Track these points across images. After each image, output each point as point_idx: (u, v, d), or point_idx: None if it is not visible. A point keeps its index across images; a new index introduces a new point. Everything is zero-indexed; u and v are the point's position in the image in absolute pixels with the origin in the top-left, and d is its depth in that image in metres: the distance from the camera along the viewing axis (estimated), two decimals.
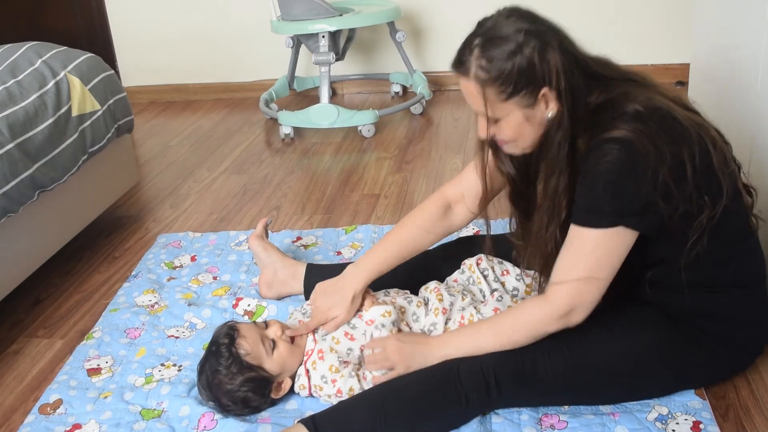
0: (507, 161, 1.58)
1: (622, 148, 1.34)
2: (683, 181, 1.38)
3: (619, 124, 1.36)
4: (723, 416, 1.54)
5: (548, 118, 1.41)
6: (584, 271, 1.42)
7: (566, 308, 1.43)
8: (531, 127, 1.43)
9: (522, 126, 1.42)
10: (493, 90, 1.39)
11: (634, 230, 1.40)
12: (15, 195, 1.99)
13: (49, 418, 1.68)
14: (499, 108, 1.41)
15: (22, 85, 2.15)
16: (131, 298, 2.11)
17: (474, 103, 1.44)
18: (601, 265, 1.42)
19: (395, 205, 2.63)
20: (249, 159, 3.20)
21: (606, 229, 1.39)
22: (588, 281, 1.42)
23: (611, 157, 1.35)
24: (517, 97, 1.39)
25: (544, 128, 1.43)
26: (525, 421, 1.53)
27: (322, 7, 3.30)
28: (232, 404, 1.60)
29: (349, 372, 1.58)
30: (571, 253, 1.43)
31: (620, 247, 1.41)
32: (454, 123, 3.45)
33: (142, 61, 4.12)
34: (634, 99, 1.39)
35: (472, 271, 1.79)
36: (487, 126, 1.46)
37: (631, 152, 1.34)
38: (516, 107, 1.40)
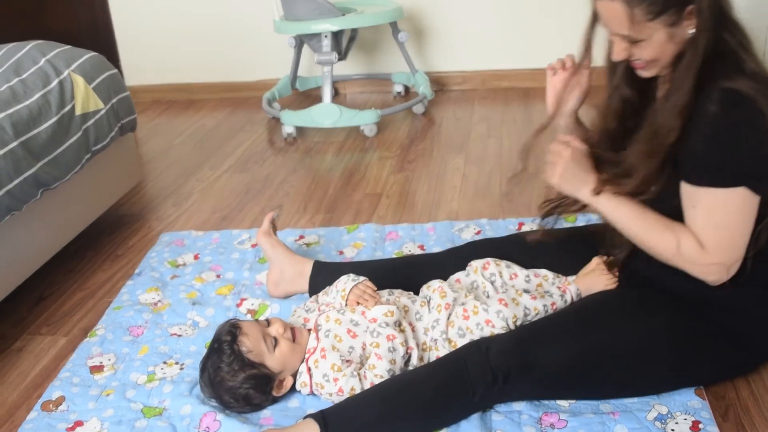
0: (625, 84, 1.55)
1: (740, 102, 1.34)
2: None
3: (738, 78, 1.35)
4: (722, 416, 1.54)
5: (689, 35, 1.39)
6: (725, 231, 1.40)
7: (721, 260, 1.42)
8: (672, 46, 1.41)
9: (664, 45, 1.40)
10: (641, 9, 1.36)
11: (755, 194, 1.39)
12: (18, 193, 2.00)
13: (52, 415, 1.68)
14: (644, 28, 1.38)
15: (25, 84, 2.16)
16: (135, 296, 2.11)
17: (616, 24, 1.41)
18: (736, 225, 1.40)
19: (397, 205, 2.64)
20: (251, 158, 3.21)
21: (731, 188, 1.38)
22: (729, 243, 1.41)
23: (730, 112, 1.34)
24: (664, 16, 1.37)
25: (682, 47, 1.41)
26: (525, 420, 1.53)
27: (324, 6, 3.30)
28: (233, 401, 1.61)
29: (351, 372, 1.58)
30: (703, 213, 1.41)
31: (747, 209, 1.40)
32: (456, 123, 3.45)
33: (146, 60, 4.12)
34: (752, 60, 1.39)
35: (478, 274, 1.79)
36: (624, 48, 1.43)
37: (748, 107, 1.33)
38: (661, 26, 1.38)
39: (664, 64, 1.45)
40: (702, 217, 1.42)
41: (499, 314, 1.64)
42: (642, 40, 1.41)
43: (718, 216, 1.40)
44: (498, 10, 3.75)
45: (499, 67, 3.84)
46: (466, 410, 1.53)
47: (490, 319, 1.63)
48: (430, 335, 1.67)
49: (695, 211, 1.42)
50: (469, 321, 1.65)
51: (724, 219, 1.40)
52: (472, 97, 3.78)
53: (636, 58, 1.45)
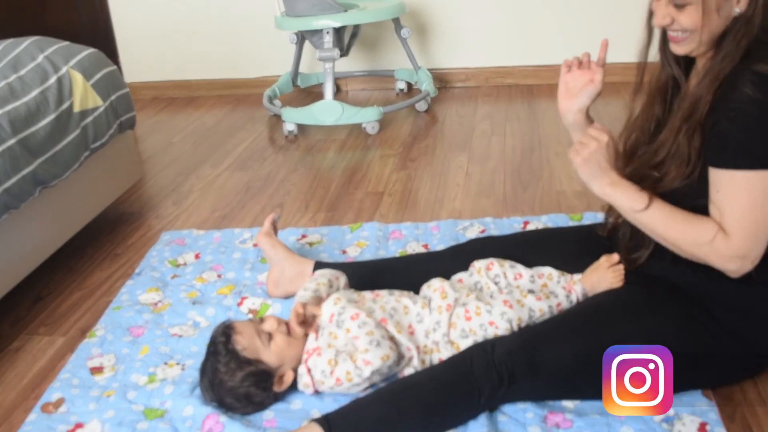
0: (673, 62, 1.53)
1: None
2: None
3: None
4: (729, 417, 1.52)
5: (735, 13, 1.38)
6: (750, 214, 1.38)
7: (744, 251, 1.40)
8: (717, 20, 1.39)
9: (710, 15, 1.38)
10: None
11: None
12: (16, 191, 1.98)
13: (52, 417, 1.67)
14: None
15: (23, 81, 2.14)
16: (134, 296, 2.10)
17: None
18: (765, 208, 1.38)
19: (399, 203, 2.62)
20: (252, 156, 3.19)
21: (761, 171, 1.36)
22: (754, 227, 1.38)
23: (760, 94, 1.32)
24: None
25: (724, 25, 1.40)
26: (530, 419, 1.52)
27: (326, 3, 3.28)
28: (236, 402, 1.60)
29: (343, 358, 1.58)
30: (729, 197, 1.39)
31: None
32: (459, 120, 3.43)
33: (145, 57, 4.11)
34: None
35: (481, 275, 1.77)
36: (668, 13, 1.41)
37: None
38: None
39: (703, 39, 1.42)
40: (727, 202, 1.39)
41: (503, 316, 1.62)
42: (689, 5, 1.39)
43: (744, 201, 1.38)
44: (501, 7, 3.74)
45: (502, 64, 3.83)
46: (472, 412, 1.52)
47: (494, 320, 1.62)
48: (431, 337, 1.65)
49: (720, 195, 1.40)
50: (471, 322, 1.63)
51: (749, 204, 1.38)
52: (475, 95, 3.76)
53: (676, 27, 1.43)
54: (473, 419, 1.52)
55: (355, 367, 1.56)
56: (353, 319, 1.62)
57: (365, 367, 1.56)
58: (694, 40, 1.43)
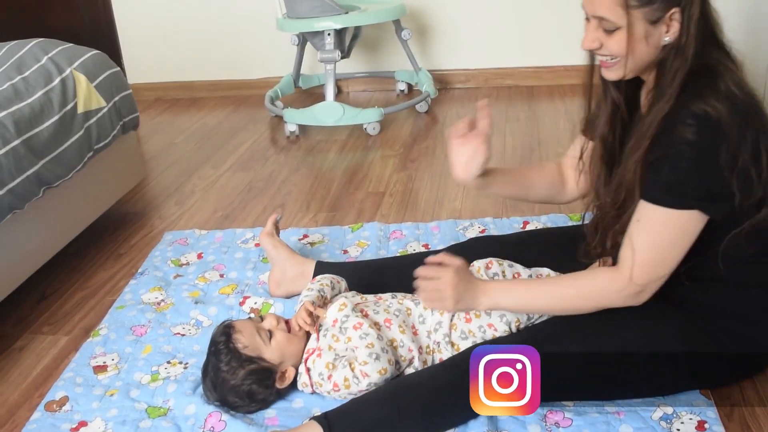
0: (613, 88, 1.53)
1: (707, 126, 1.32)
2: (760, 168, 1.36)
3: (709, 99, 1.33)
4: (728, 416, 1.53)
5: (664, 42, 1.38)
6: (658, 250, 1.41)
7: (640, 287, 1.43)
8: (645, 47, 1.39)
9: (638, 42, 1.38)
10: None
11: (706, 215, 1.39)
12: (20, 191, 1.99)
13: (55, 416, 1.68)
14: (625, 15, 1.36)
15: (28, 82, 2.15)
16: (138, 296, 2.11)
17: (600, 4, 1.39)
18: (673, 245, 1.40)
19: (400, 203, 2.63)
20: (254, 156, 3.20)
21: (681, 210, 1.38)
22: (662, 261, 1.41)
23: (694, 136, 1.33)
24: (648, 8, 1.35)
25: (653, 54, 1.40)
26: (530, 418, 1.52)
27: (327, 4, 3.29)
28: (239, 401, 1.61)
29: (342, 364, 1.59)
30: (644, 229, 1.41)
31: (692, 231, 1.40)
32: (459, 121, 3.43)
33: (148, 58, 4.12)
34: (729, 76, 1.37)
35: (480, 274, 1.78)
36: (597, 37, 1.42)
37: (714, 132, 1.32)
38: (641, 19, 1.36)
39: (632, 66, 1.43)
40: (643, 234, 1.42)
41: (502, 318, 1.63)
42: (617, 29, 1.38)
43: (658, 236, 1.41)
44: (501, 8, 3.74)
45: (502, 65, 3.83)
46: (471, 411, 1.52)
47: (493, 322, 1.62)
48: (433, 338, 1.66)
49: (638, 225, 1.42)
50: (471, 324, 1.63)
51: (662, 240, 1.41)
52: (475, 95, 3.77)
53: (605, 51, 1.43)
54: (473, 418, 1.52)
55: (353, 375, 1.57)
56: (356, 328, 1.62)
57: (363, 379, 1.56)
58: (622, 67, 1.43)
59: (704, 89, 1.36)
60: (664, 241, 1.41)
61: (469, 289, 1.52)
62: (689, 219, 1.39)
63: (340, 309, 1.67)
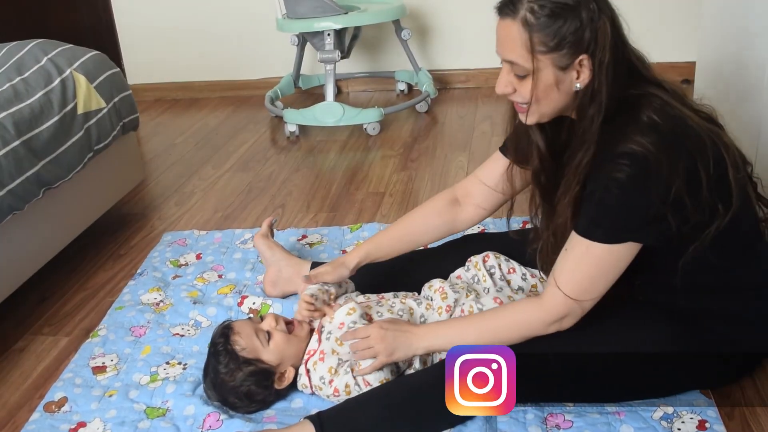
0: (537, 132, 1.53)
1: (634, 164, 1.32)
2: (698, 191, 1.36)
3: (634, 135, 1.33)
4: (728, 415, 1.53)
5: (576, 88, 1.39)
6: (583, 280, 1.42)
7: (560, 315, 1.44)
8: (556, 93, 1.40)
9: (549, 88, 1.39)
10: (537, 38, 1.35)
11: (639, 243, 1.40)
12: (20, 192, 1.99)
13: (54, 416, 1.68)
14: (534, 60, 1.36)
15: (27, 83, 2.15)
16: (136, 296, 2.11)
17: (509, 49, 1.40)
18: (601, 276, 1.42)
19: (400, 203, 2.63)
20: (254, 157, 3.20)
21: (612, 244, 1.39)
22: (586, 291, 1.42)
23: (622, 174, 1.33)
24: (556, 54, 1.35)
25: (566, 100, 1.41)
26: (530, 420, 1.53)
27: (327, 5, 3.30)
28: (238, 401, 1.61)
29: (345, 370, 1.58)
30: (572, 260, 1.42)
31: (623, 260, 1.41)
32: (459, 121, 3.44)
33: (148, 59, 4.12)
34: (652, 104, 1.37)
35: (478, 269, 1.79)
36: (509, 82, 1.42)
37: (643, 169, 1.32)
38: (550, 65, 1.36)
39: (546, 110, 1.43)
40: (570, 263, 1.42)
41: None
42: (528, 75, 1.39)
43: (585, 267, 1.41)
44: None
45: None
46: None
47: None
48: None
49: (566, 254, 1.43)
50: None
51: (592, 270, 1.41)
52: (475, 95, 3.77)
53: (518, 97, 1.43)
54: (470, 420, 1.52)
55: (355, 383, 1.57)
56: None
57: (364, 387, 1.56)
58: (536, 112, 1.43)
59: (627, 127, 1.35)
60: (591, 271, 1.41)
61: (399, 338, 1.54)
62: (620, 250, 1.39)
63: (349, 313, 1.65)
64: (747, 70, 2.17)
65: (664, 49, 3.65)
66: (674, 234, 1.38)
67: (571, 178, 1.43)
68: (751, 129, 2.07)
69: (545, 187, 1.57)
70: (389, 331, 1.54)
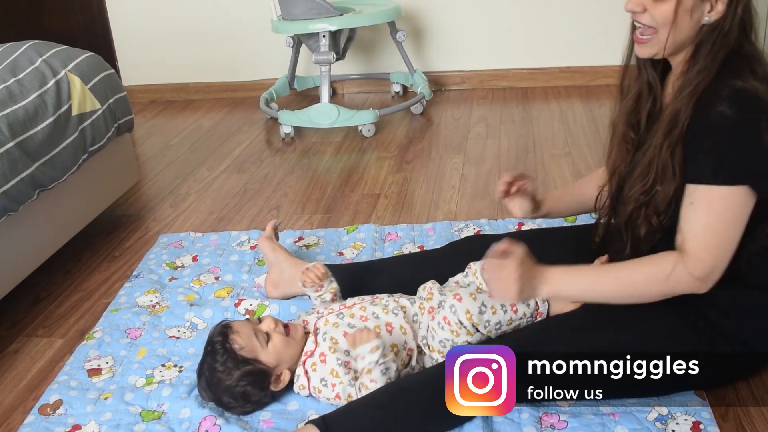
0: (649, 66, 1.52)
1: (749, 101, 1.33)
2: None
3: (749, 80, 1.34)
4: (723, 416, 1.54)
5: (704, 21, 1.39)
6: (719, 231, 1.39)
7: (708, 269, 1.40)
8: (687, 22, 1.39)
9: (682, 14, 1.38)
10: None
11: (756, 192, 1.38)
12: (15, 194, 1.99)
13: (49, 419, 1.67)
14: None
15: (22, 84, 2.15)
16: (132, 299, 2.10)
17: None
18: (733, 225, 1.39)
19: (395, 205, 2.63)
20: (249, 158, 3.20)
21: (732, 186, 1.37)
22: (723, 244, 1.39)
23: (737, 112, 1.33)
24: None
25: (692, 33, 1.41)
26: (525, 419, 1.53)
27: (322, 6, 3.30)
28: (233, 401, 1.61)
29: (349, 380, 1.58)
30: (701, 212, 1.39)
31: (746, 209, 1.38)
32: (454, 123, 3.45)
33: (143, 60, 4.11)
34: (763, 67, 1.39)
35: (476, 276, 1.78)
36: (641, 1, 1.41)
37: (757, 107, 1.33)
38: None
39: (674, 39, 1.42)
40: (699, 217, 1.40)
41: (452, 309, 1.60)
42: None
43: (715, 217, 1.39)
44: (496, 11, 3.75)
45: (497, 67, 3.84)
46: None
47: (446, 315, 1.60)
48: (421, 335, 1.67)
49: (692, 208, 1.41)
50: (434, 321, 1.64)
51: (720, 219, 1.39)
52: (470, 97, 3.78)
53: (647, 19, 1.42)
54: (468, 421, 1.52)
55: (357, 391, 1.57)
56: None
57: (364, 391, 1.55)
58: (657, 42, 1.43)
59: (742, 70, 1.36)
60: (722, 221, 1.38)
61: (533, 278, 1.48)
62: (742, 195, 1.37)
63: (372, 352, 1.56)
64: None
65: None
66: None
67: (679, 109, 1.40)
68: None
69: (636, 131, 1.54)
70: (525, 270, 1.47)
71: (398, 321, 1.68)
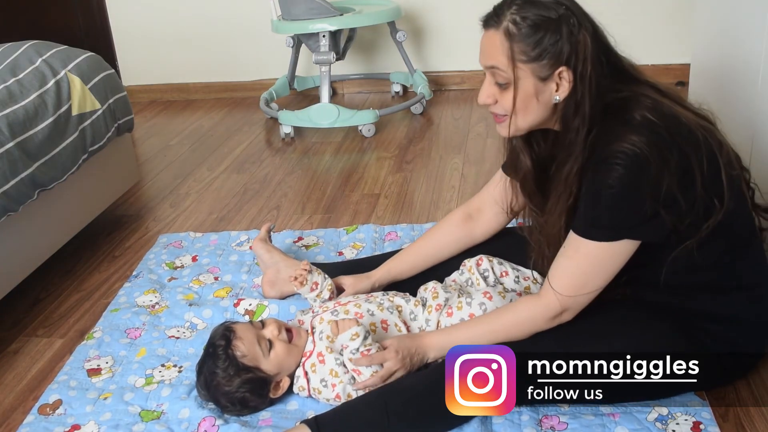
0: (523, 145, 1.57)
1: (627, 162, 1.34)
2: (692, 188, 1.38)
3: (626, 134, 1.35)
4: (723, 416, 1.54)
5: (555, 100, 1.41)
6: (579, 277, 1.45)
7: (558, 310, 1.48)
8: (536, 104, 1.42)
9: (528, 99, 1.41)
10: (518, 47, 1.37)
11: (636, 240, 1.42)
12: (15, 194, 1.99)
13: (49, 419, 1.67)
14: (515, 69, 1.39)
15: (22, 84, 2.15)
16: (132, 299, 2.10)
17: (491, 56, 1.41)
18: (597, 272, 1.45)
19: (395, 205, 2.63)
20: (249, 158, 3.20)
21: (608, 242, 1.41)
22: (583, 286, 1.45)
23: (616, 173, 1.35)
24: (536, 64, 1.38)
25: (545, 113, 1.43)
26: (525, 421, 1.53)
27: (322, 6, 3.30)
28: (230, 405, 1.61)
29: (349, 379, 1.58)
30: (569, 258, 1.45)
31: (620, 257, 1.44)
32: (454, 123, 3.45)
33: (143, 60, 4.12)
34: (642, 104, 1.39)
35: (472, 272, 1.79)
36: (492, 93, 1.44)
37: (636, 167, 1.34)
38: (530, 75, 1.39)
39: (521, 124, 1.45)
40: (567, 260, 1.46)
41: (481, 306, 1.64)
42: (509, 85, 1.41)
43: (583, 264, 1.44)
44: None
45: None
46: (461, 417, 1.52)
47: (473, 312, 1.63)
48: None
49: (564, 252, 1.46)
50: (452, 317, 1.65)
51: (588, 267, 1.44)
52: (470, 97, 3.78)
53: (499, 108, 1.45)
54: (465, 422, 1.52)
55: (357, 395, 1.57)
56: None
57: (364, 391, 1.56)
58: (514, 124, 1.46)
59: (618, 128, 1.37)
60: (587, 269, 1.44)
61: (415, 355, 1.57)
62: (618, 248, 1.42)
63: (352, 339, 1.58)
64: (741, 72, 2.17)
65: (658, 51, 3.66)
66: (670, 231, 1.40)
67: (561, 189, 1.46)
68: (745, 129, 2.08)
69: (536, 198, 1.60)
70: (404, 351, 1.57)
71: (393, 319, 1.68)
